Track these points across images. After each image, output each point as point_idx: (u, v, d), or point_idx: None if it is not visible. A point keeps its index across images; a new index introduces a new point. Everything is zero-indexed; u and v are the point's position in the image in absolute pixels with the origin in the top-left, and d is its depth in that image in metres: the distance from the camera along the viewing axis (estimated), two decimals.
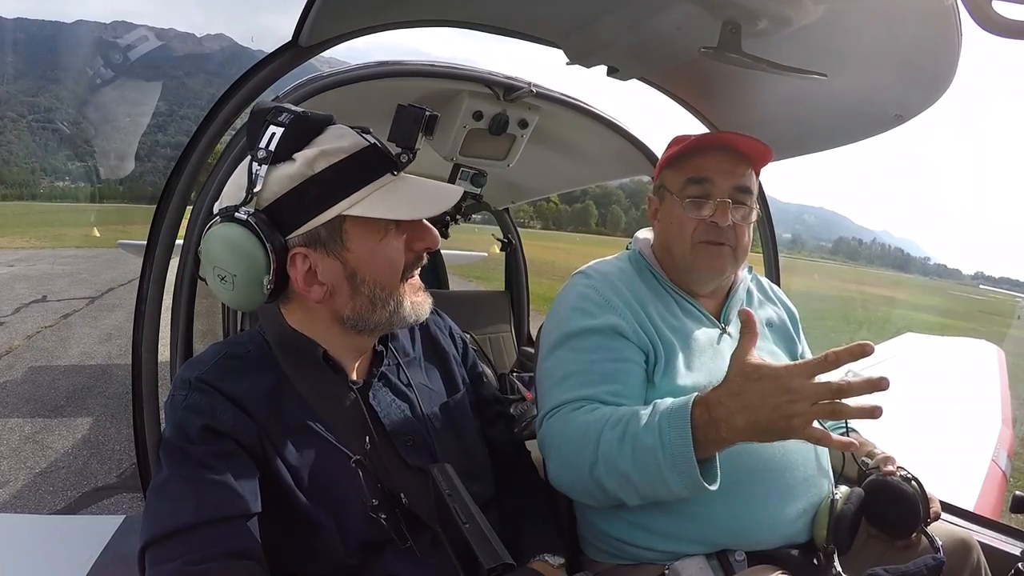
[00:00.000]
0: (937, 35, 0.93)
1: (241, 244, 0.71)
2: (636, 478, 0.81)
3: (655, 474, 0.79)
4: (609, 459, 0.82)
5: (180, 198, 1.04)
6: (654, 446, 0.78)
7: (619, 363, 0.95)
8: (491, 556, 0.72)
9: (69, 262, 12.49)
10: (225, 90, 1.04)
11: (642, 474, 0.80)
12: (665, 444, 0.77)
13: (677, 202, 1.05)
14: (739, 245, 1.03)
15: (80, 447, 3.34)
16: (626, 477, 0.81)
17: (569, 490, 0.92)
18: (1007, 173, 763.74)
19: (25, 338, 5.76)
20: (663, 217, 1.09)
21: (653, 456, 0.78)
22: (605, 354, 0.95)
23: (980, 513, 1.29)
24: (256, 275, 0.73)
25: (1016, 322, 27.38)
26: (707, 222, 1.02)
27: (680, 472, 0.77)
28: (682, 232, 1.04)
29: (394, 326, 0.83)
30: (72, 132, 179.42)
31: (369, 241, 0.76)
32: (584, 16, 1.08)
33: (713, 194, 1.02)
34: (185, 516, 0.66)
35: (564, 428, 0.90)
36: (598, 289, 1.01)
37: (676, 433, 0.77)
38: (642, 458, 0.80)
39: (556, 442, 0.91)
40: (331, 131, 0.77)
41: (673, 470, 0.77)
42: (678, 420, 0.77)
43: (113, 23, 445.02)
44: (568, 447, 0.88)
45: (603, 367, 0.94)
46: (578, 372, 0.95)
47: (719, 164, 1.03)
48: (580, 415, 0.90)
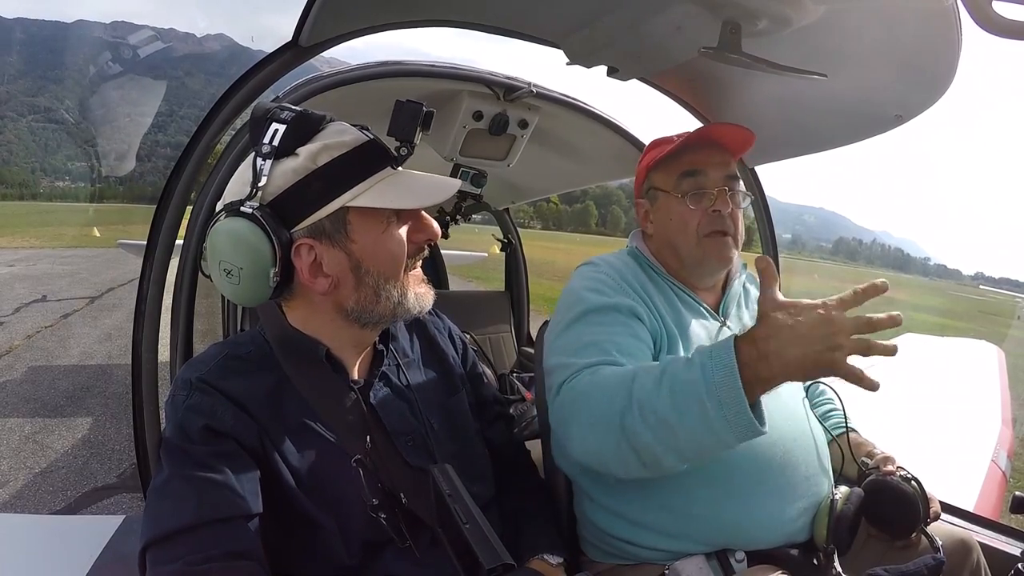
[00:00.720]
0: (937, 35, 0.93)
1: (247, 237, 0.72)
2: (676, 421, 0.74)
3: (698, 415, 0.72)
4: (645, 402, 0.76)
5: (180, 198, 1.04)
6: (695, 381, 0.73)
7: (637, 341, 0.93)
8: (491, 556, 0.72)
9: (69, 262, 12.50)
10: (225, 90, 1.04)
11: (683, 416, 0.73)
12: (708, 380, 0.72)
13: (674, 199, 1.05)
14: (737, 232, 1.05)
15: (80, 447, 3.34)
16: (664, 423, 0.74)
17: (598, 455, 0.84)
18: (1007, 173, 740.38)
19: (25, 338, 5.76)
20: (659, 218, 1.10)
21: (695, 393, 0.72)
22: (624, 329, 0.94)
23: (980, 513, 1.29)
24: (262, 268, 0.73)
25: (1016, 322, 27.40)
26: (709, 213, 1.02)
27: (728, 409, 0.70)
28: (686, 228, 1.04)
29: (398, 318, 0.84)
30: (74, 129, 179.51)
31: (372, 232, 0.77)
32: (584, 16, 1.08)
33: (708, 185, 1.03)
34: (186, 516, 0.66)
35: (591, 382, 0.85)
36: (609, 274, 1.02)
37: (721, 368, 0.72)
38: (683, 397, 0.73)
39: (581, 400, 0.85)
40: (332, 127, 0.78)
41: (719, 408, 0.71)
42: (722, 355, 0.72)
43: (113, 23, 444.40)
44: (596, 397, 0.83)
45: (623, 340, 0.92)
46: (598, 342, 0.91)
47: (708, 156, 1.05)
48: (608, 368, 0.86)
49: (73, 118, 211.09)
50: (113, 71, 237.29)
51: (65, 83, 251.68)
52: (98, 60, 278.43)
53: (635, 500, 0.93)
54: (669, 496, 0.91)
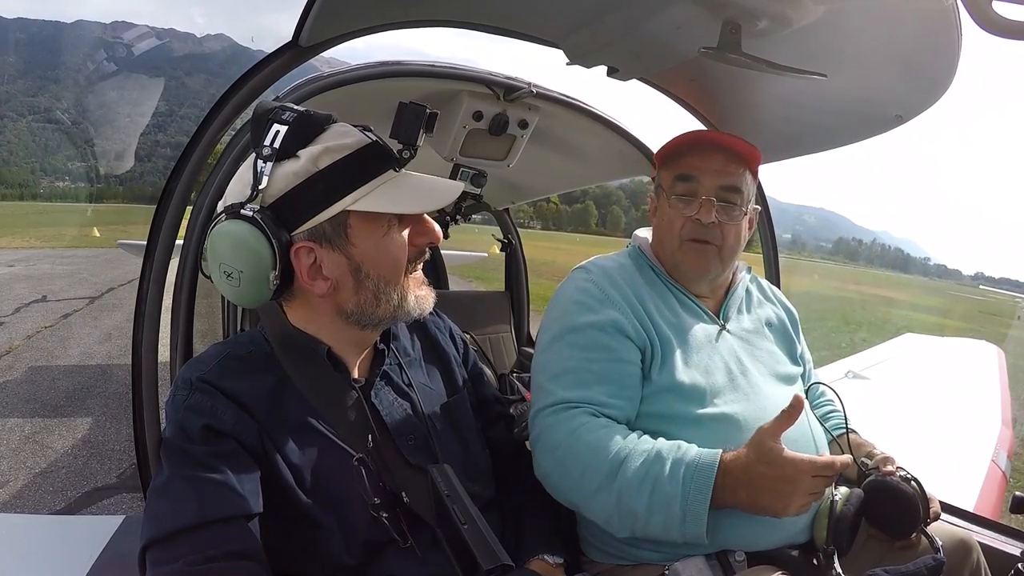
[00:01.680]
0: (937, 35, 0.93)
1: (247, 241, 0.72)
2: (644, 518, 0.83)
3: (664, 522, 0.82)
4: (623, 495, 0.84)
5: (180, 198, 1.04)
6: (673, 496, 0.82)
7: (615, 363, 0.95)
8: (489, 557, 0.72)
9: (69, 262, 12.49)
10: (225, 90, 1.04)
11: (652, 516, 0.83)
12: (685, 500, 0.81)
13: (668, 199, 1.07)
14: (724, 244, 1.04)
15: (80, 447, 3.34)
16: (633, 515, 0.84)
17: (553, 489, 0.93)
18: (1007, 173, 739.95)
19: (25, 338, 5.76)
20: (658, 215, 1.11)
21: (670, 506, 0.82)
22: (602, 353, 0.95)
23: (980, 513, 1.29)
24: (262, 271, 0.73)
25: (1016, 323, 27.36)
26: (692, 220, 1.03)
27: (690, 526, 0.81)
28: (672, 229, 1.05)
29: (398, 320, 0.84)
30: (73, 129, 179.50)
31: (373, 236, 0.77)
32: (584, 16, 1.08)
33: (699, 192, 1.03)
34: (186, 516, 0.66)
35: (570, 442, 0.89)
36: (597, 283, 1.02)
37: (698, 492, 0.81)
38: (659, 505, 0.82)
39: (558, 453, 0.90)
40: (334, 129, 0.78)
41: (683, 523, 0.81)
42: (703, 480, 0.82)
43: (113, 23, 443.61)
44: (574, 464, 0.88)
45: (600, 367, 0.94)
46: (575, 370, 0.95)
47: (707, 163, 1.04)
48: (588, 432, 0.89)
49: (71, 118, 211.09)
50: (113, 71, 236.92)
51: (65, 83, 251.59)
52: (98, 60, 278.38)
53: None
54: None
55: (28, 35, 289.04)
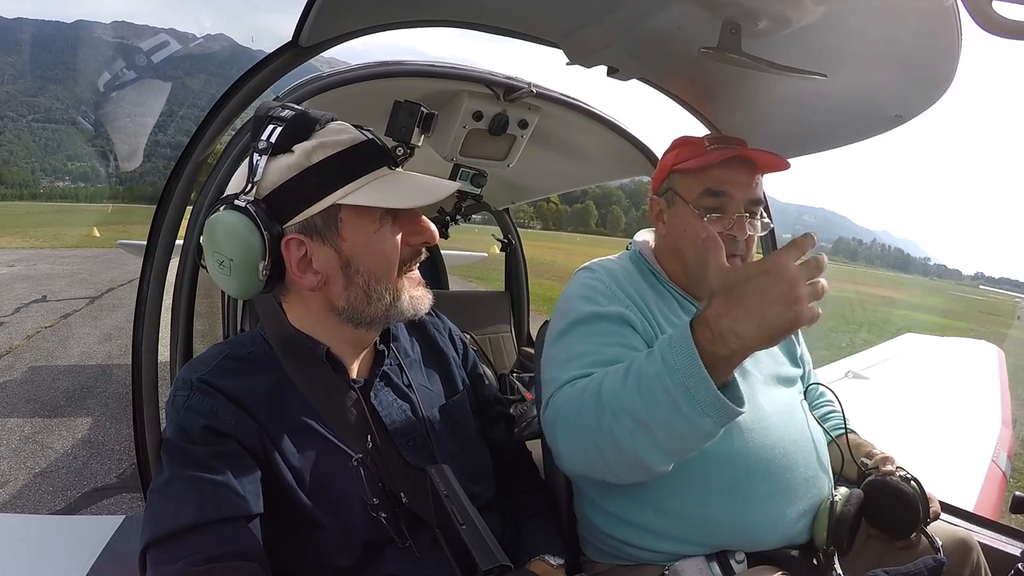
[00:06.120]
0: (937, 35, 0.93)
1: (239, 230, 0.73)
2: (648, 417, 0.73)
3: (668, 406, 0.71)
4: (615, 403, 0.76)
5: (180, 198, 1.04)
6: (659, 372, 0.72)
7: (627, 349, 0.92)
8: (488, 557, 0.72)
9: (69, 262, 12.49)
10: (225, 90, 1.04)
11: (654, 409, 0.73)
12: (671, 368, 0.71)
13: (691, 211, 1.03)
14: (748, 255, 1.02)
15: (80, 447, 3.34)
16: (637, 420, 0.74)
17: (584, 466, 0.84)
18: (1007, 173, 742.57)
19: (25, 338, 5.77)
20: (673, 223, 1.07)
21: (660, 383, 0.72)
22: (613, 338, 0.93)
23: (980, 513, 1.29)
24: (252, 260, 0.74)
25: (1016, 323, 27.35)
26: (726, 235, 0.98)
27: (695, 395, 0.70)
28: (697, 243, 1.01)
29: (391, 319, 0.83)
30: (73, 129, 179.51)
31: (364, 231, 0.77)
32: (584, 16, 1.08)
33: (730, 208, 1.00)
34: (187, 517, 0.66)
35: (567, 397, 0.86)
36: (603, 281, 1.01)
37: (681, 354, 0.71)
38: (650, 390, 0.73)
39: (560, 417, 0.85)
40: (331, 126, 0.79)
41: (686, 394, 0.70)
42: (680, 342, 0.71)
43: (114, 23, 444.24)
44: (571, 410, 0.83)
45: (612, 351, 0.91)
46: (585, 353, 0.91)
47: (737, 177, 1.01)
48: (582, 381, 0.86)
49: (71, 118, 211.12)
50: (112, 71, 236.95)
51: (65, 83, 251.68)
52: (97, 59, 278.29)
53: (634, 502, 0.93)
54: (668, 498, 0.91)
55: (28, 35, 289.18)
